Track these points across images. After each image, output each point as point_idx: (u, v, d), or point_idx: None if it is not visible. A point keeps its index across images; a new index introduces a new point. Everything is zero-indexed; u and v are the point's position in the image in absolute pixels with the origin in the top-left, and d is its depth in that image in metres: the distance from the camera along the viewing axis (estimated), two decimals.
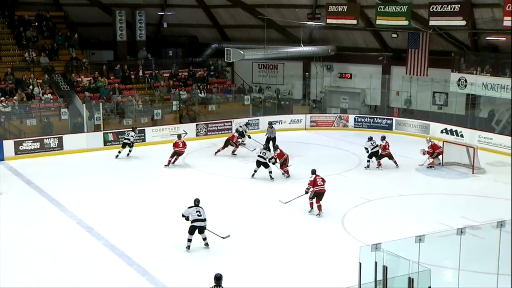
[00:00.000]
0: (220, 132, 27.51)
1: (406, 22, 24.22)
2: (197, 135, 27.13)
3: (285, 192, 18.77)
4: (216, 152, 24.00)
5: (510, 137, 20.27)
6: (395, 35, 28.15)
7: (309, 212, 17.26)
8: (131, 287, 12.85)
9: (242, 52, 27.90)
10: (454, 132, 26.53)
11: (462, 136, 26.08)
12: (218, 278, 10.57)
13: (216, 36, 33.66)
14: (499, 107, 26.97)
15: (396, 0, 25.66)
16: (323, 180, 17.16)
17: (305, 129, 29.09)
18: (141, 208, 17.88)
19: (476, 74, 26.51)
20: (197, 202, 14.49)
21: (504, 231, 11.16)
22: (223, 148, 23.91)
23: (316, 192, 17.00)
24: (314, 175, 17.22)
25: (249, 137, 25.04)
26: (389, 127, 28.73)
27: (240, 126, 25.35)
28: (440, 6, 23.50)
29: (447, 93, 28.73)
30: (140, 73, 30.29)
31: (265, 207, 18.03)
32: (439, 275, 11.34)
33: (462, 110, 28.13)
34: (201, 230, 14.29)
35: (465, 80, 26.75)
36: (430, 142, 22.47)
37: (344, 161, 23.31)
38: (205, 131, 27.38)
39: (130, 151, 23.92)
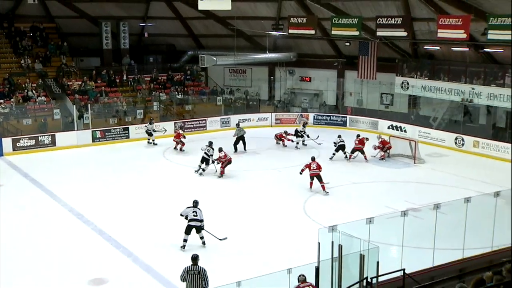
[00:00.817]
0: (195, 129, 27.47)
1: (357, 33, 24.36)
2: (175, 132, 26.94)
3: (256, 185, 18.86)
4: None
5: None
6: (348, 44, 28.30)
7: (309, 189, 18.21)
8: (118, 267, 12.86)
9: (215, 59, 27.84)
10: (398, 128, 26.88)
11: (405, 131, 26.44)
12: (194, 258, 10.59)
13: (192, 44, 33.48)
14: (435, 106, 27.40)
15: (348, 14, 25.90)
16: (318, 166, 18.04)
17: (271, 126, 29.18)
18: (126, 197, 17.84)
19: (416, 78, 26.87)
20: (195, 203, 13.85)
21: (440, 212, 11.42)
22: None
23: (311, 175, 18.10)
24: (311, 161, 18.39)
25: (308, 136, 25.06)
26: (343, 124, 29.00)
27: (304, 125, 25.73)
28: (385, 19, 23.69)
29: (392, 94, 28.96)
30: (124, 77, 30.02)
31: (235, 196, 18.11)
32: (386, 251, 11.49)
33: (405, 109, 28.49)
34: (198, 229, 13.67)
35: (407, 83, 27.11)
36: (380, 139, 22.81)
37: (305, 153, 23.42)
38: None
39: (153, 140, 24.95)
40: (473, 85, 24.45)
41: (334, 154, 22.35)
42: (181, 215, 13.77)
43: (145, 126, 25.43)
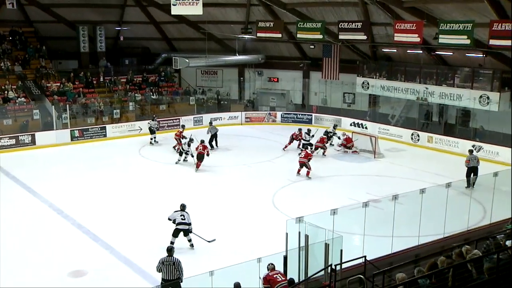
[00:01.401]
0: (170, 128, 27.21)
1: (320, 36, 24.49)
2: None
3: (229, 176, 18.84)
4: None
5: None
6: (312, 47, 28.43)
7: (296, 175, 19.08)
8: (97, 259, 12.71)
9: (187, 61, 27.64)
10: (360, 125, 27.14)
11: (366, 128, 26.71)
12: (169, 250, 10.54)
13: (165, 47, 33.18)
14: (393, 105, 27.77)
15: (312, 18, 26.03)
16: (306, 155, 19.18)
17: (241, 124, 29.18)
18: (103, 192, 17.63)
19: (375, 78, 27.17)
20: (182, 207, 13.32)
21: (398, 203, 11.61)
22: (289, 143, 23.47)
23: (299, 162, 19.24)
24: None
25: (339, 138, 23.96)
26: (309, 121, 29.14)
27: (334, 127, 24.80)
28: (346, 23, 23.87)
29: (354, 94, 29.17)
30: (101, 79, 29.55)
31: (207, 190, 18.06)
32: (349, 240, 11.58)
33: (366, 107, 28.79)
34: (186, 232, 13.14)
35: (368, 83, 27.40)
36: (344, 136, 23.05)
37: (273, 150, 23.55)
38: (157, 127, 27.00)
39: (154, 137, 24.39)
40: (427, 85, 24.87)
41: (303, 149, 22.38)
42: (169, 219, 13.22)
43: (148, 123, 24.85)
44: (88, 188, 18.13)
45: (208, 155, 20.28)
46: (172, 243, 12.69)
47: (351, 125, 27.37)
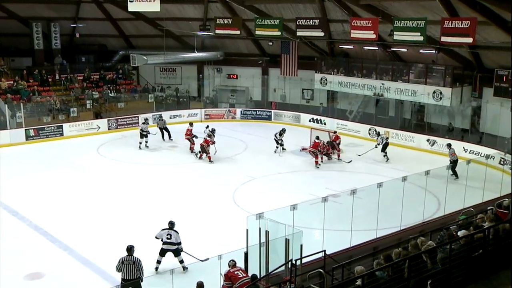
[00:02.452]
0: (128, 126, 26.84)
1: (279, 33, 24.57)
2: (108, 129, 26.32)
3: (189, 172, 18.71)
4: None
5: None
6: (271, 43, 28.56)
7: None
8: (54, 261, 12.43)
9: (146, 58, 27.33)
10: (319, 121, 27.48)
11: (325, 123, 27.04)
12: (129, 249, 10.42)
13: (123, 44, 32.63)
14: (351, 100, 28.16)
15: (270, 15, 26.12)
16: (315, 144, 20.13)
17: (201, 121, 28.92)
18: (61, 192, 17.24)
19: (333, 74, 27.50)
20: (170, 225, 11.99)
21: (356, 197, 11.82)
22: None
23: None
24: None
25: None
26: (268, 118, 29.29)
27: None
28: (304, 20, 24.01)
29: (312, 90, 29.45)
30: (57, 77, 28.83)
31: (167, 188, 17.92)
32: (309, 235, 11.72)
33: (325, 103, 29.11)
34: (175, 253, 11.85)
35: (326, 79, 27.72)
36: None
37: (234, 147, 23.54)
38: (115, 125, 26.62)
39: (146, 142, 23.06)
40: (383, 80, 25.38)
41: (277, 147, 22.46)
42: (156, 237, 11.99)
43: (139, 126, 23.94)
44: (44, 188, 17.67)
45: (210, 145, 20.95)
46: (158, 262, 11.85)
47: (310, 121, 27.65)
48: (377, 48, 25.51)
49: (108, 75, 30.58)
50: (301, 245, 9.71)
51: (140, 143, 23.01)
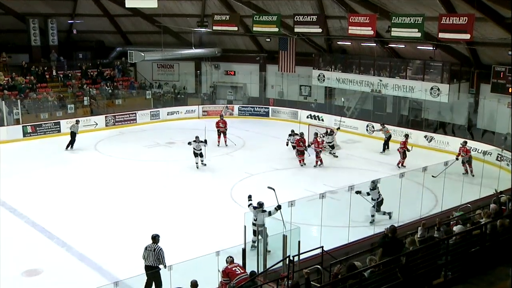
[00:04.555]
0: (126, 122, 26.83)
1: (276, 29, 24.56)
2: (106, 125, 26.28)
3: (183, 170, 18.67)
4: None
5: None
6: (268, 40, 28.50)
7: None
8: (52, 257, 12.42)
9: (143, 54, 27.23)
10: (316, 117, 27.46)
11: (322, 120, 27.00)
12: (154, 238, 10.38)
13: (120, 41, 32.56)
14: (349, 97, 28.19)
15: (268, 12, 26.08)
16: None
17: (198, 118, 28.97)
18: (58, 189, 17.21)
19: (331, 71, 27.50)
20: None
21: (353, 194, 11.85)
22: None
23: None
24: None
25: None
26: (266, 114, 29.27)
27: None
28: (302, 16, 24.04)
29: (310, 86, 29.44)
30: (54, 73, 28.73)
31: (165, 185, 17.89)
32: (307, 231, 11.77)
33: (322, 99, 29.11)
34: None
35: (324, 76, 27.70)
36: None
37: (231, 143, 23.51)
38: (113, 122, 26.58)
39: (202, 161, 19.94)
40: (381, 77, 25.36)
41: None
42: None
43: (192, 145, 19.78)
44: (42, 185, 17.64)
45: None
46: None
47: (307, 117, 27.61)
48: (375, 44, 25.49)
49: (106, 72, 30.49)
50: (299, 242, 9.72)
51: (197, 162, 19.92)
